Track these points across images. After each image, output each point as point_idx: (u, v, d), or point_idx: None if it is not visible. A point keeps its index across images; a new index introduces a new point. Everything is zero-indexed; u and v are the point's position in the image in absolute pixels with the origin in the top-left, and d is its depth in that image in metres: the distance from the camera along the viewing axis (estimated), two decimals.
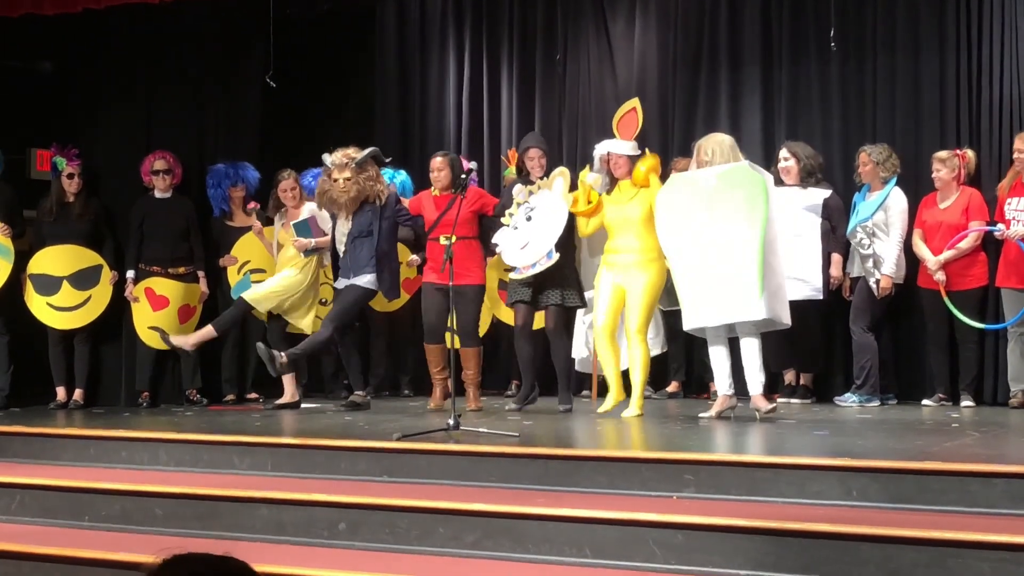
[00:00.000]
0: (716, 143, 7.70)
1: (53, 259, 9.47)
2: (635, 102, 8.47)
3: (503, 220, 8.67)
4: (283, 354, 8.65)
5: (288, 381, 9.09)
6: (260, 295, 9.14)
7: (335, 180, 8.71)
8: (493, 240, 8.70)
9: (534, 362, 8.78)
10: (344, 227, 8.88)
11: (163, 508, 6.16)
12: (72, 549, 5.67)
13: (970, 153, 8.90)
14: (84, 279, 9.49)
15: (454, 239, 7.90)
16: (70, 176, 9.52)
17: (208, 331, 9.09)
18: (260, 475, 6.61)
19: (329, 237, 9.18)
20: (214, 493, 6.11)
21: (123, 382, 9.83)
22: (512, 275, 8.60)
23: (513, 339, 8.89)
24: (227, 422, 8.17)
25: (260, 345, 8.73)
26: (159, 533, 6.02)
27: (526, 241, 8.47)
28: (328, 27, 11.03)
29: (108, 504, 6.30)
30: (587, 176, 8.34)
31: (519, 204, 8.61)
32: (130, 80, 10.10)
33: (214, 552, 2.70)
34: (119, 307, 9.63)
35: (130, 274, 9.57)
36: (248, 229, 9.84)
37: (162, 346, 9.59)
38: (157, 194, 9.73)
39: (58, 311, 9.46)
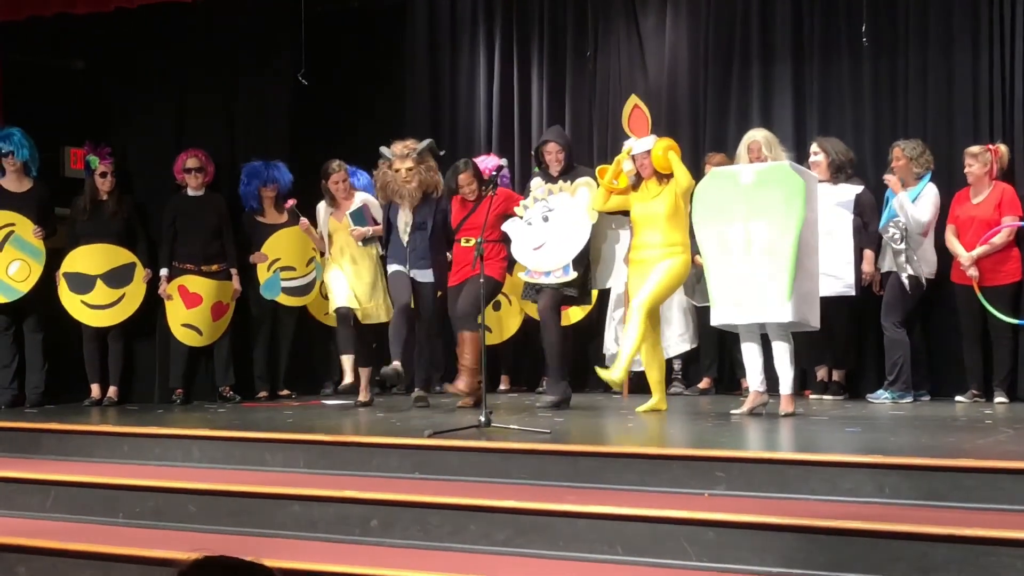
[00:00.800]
0: (770, 139, 7.66)
1: (87, 258, 9.53)
2: (634, 99, 8.43)
3: (516, 210, 8.65)
4: (414, 392, 8.78)
5: (363, 377, 9.13)
6: (351, 297, 9.08)
7: (397, 171, 8.72)
8: (503, 227, 8.67)
9: (562, 354, 8.59)
10: (405, 216, 8.83)
11: (196, 505, 6.18)
12: (106, 546, 5.69)
13: (1003, 148, 8.84)
14: (118, 277, 9.55)
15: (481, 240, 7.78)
16: (103, 175, 9.57)
17: (351, 364, 9.00)
18: (292, 471, 6.63)
19: (382, 226, 9.13)
20: (247, 490, 6.13)
21: (157, 379, 9.88)
22: (521, 275, 8.58)
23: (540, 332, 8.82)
24: (260, 419, 8.20)
25: (386, 371, 8.53)
26: (192, 530, 6.03)
27: (541, 243, 8.44)
28: (359, 25, 11.07)
29: (142, 501, 6.32)
30: (625, 163, 8.26)
31: (536, 199, 8.57)
32: (162, 78, 10.15)
33: (247, 552, 2.71)
34: (152, 305, 9.69)
35: (164, 272, 9.64)
36: (279, 227, 9.89)
37: (196, 342, 9.66)
38: (190, 192, 9.79)
39: (92, 309, 9.52)
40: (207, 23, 10.02)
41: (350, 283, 9.15)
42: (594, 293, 8.92)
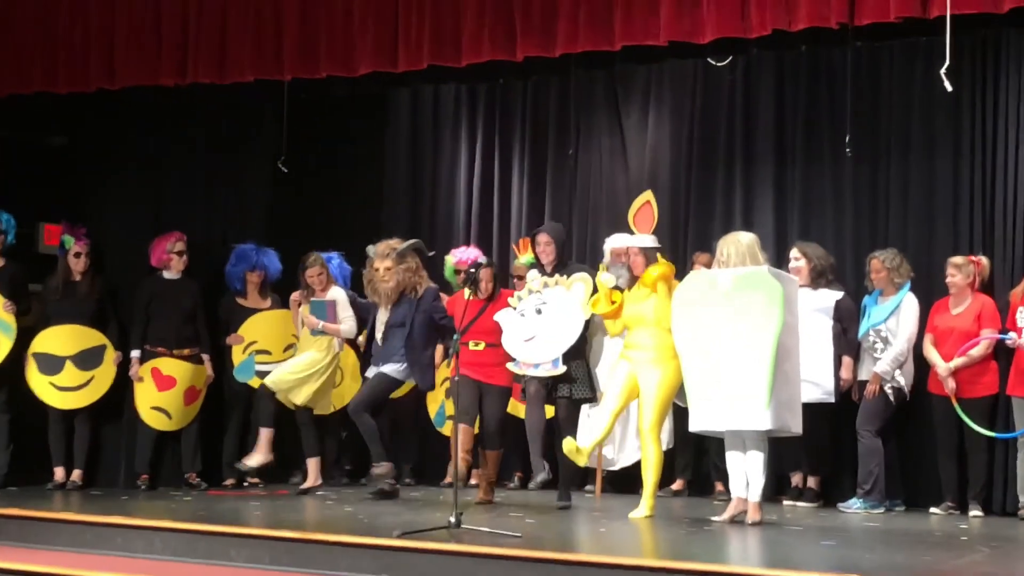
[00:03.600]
0: (733, 244, 7.64)
1: (57, 338, 9.42)
2: (648, 195, 8.42)
3: (510, 301, 8.60)
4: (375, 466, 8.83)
5: (312, 465, 9.22)
6: (277, 378, 9.18)
7: (375, 270, 8.73)
8: (495, 317, 8.62)
9: (544, 436, 8.61)
10: (383, 316, 8.87)
11: None
12: None
13: (984, 260, 8.85)
14: (88, 359, 9.45)
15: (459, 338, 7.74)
16: (76, 255, 9.50)
17: (264, 435, 9.19)
18: (257, 568, 6.52)
19: (340, 327, 9.24)
20: None
21: (123, 463, 9.73)
22: (510, 366, 8.51)
23: (519, 430, 8.75)
24: (225, 509, 8.08)
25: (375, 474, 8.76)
26: None
27: (532, 335, 8.39)
28: (341, 112, 11.04)
29: None
30: (602, 276, 8.24)
31: (531, 291, 8.53)
32: (141, 158, 10.13)
33: None
34: (121, 387, 9.57)
35: (135, 353, 9.53)
36: (259, 311, 9.81)
37: (165, 426, 9.53)
38: (167, 275, 9.70)
39: (60, 391, 9.39)
40: (188, 106, 9.97)
41: (297, 367, 9.22)
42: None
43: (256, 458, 9.22)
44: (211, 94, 9.71)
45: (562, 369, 8.27)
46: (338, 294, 9.34)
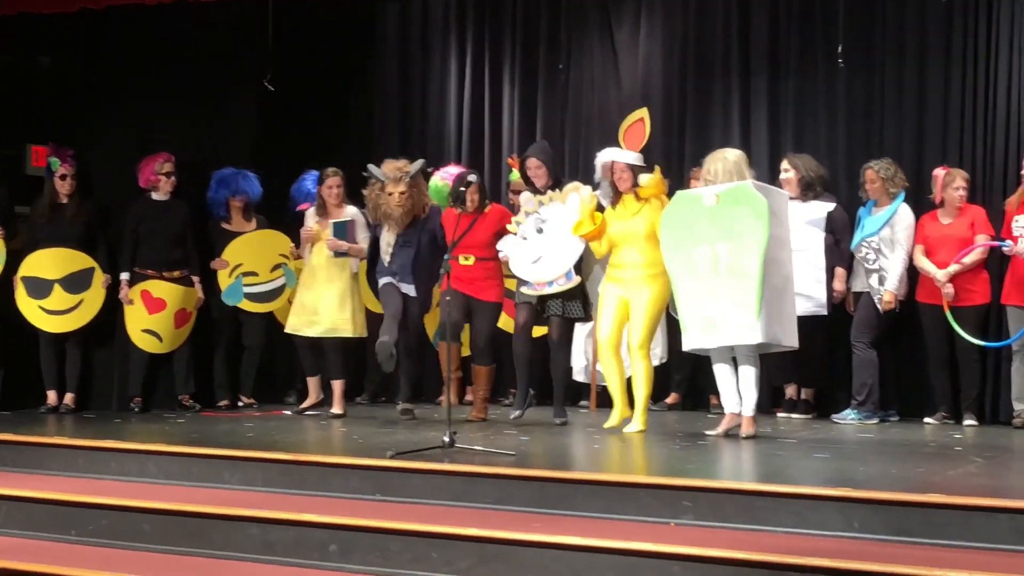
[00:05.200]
0: (720, 160, 7.57)
1: (45, 262, 9.36)
2: (643, 112, 8.32)
3: (509, 227, 8.55)
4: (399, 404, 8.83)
5: (313, 384, 9.28)
6: (298, 324, 9.19)
7: (390, 194, 8.58)
8: (498, 246, 8.57)
9: (531, 365, 8.68)
10: (389, 237, 8.76)
11: (151, 524, 6.03)
12: (57, 567, 5.55)
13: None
14: (76, 282, 9.38)
15: (458, 259, 7.70)
16: (63, 177, 9.41)
17: (313, 384, 9.35)
18: (251, 490, 6.52)
19: (363, 247, 9.11)
20: (203, 511, 5.98)
21: (115, 386, 9.72)
22: (523, 289, 8.46)
23: (512, 346, 8.74)
24: (219, 432, 8.08)
25: (383, 345, 8.44)
26: (147, 550, 5.91)
27: (539, 255, 8.34)
28: (328, 28, 10.90)
29: (95, 518, 6.18)
30: (582, 193, 8.18)
31: (527, 213, 8.47)
32: (126, 80, 9.98)
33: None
34: (111, 310, 9.52)
35: (124, 276, 9.47)
36: (242, 234, 9.75)
37: (156, 349, 9.51)
38: (155, 196, 9.61)
39: (50, 314, 9.35)
40: (173, 26, 9.85)
41: (312, 301, 9.12)
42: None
43: (310, 402, 9.34)
44: (196, 12, 9.58)
45: (577, 280, 8.23)
46: (355, 213, 9.14)
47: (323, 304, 9.10)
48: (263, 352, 10.03)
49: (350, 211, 9.17)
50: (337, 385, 9.17)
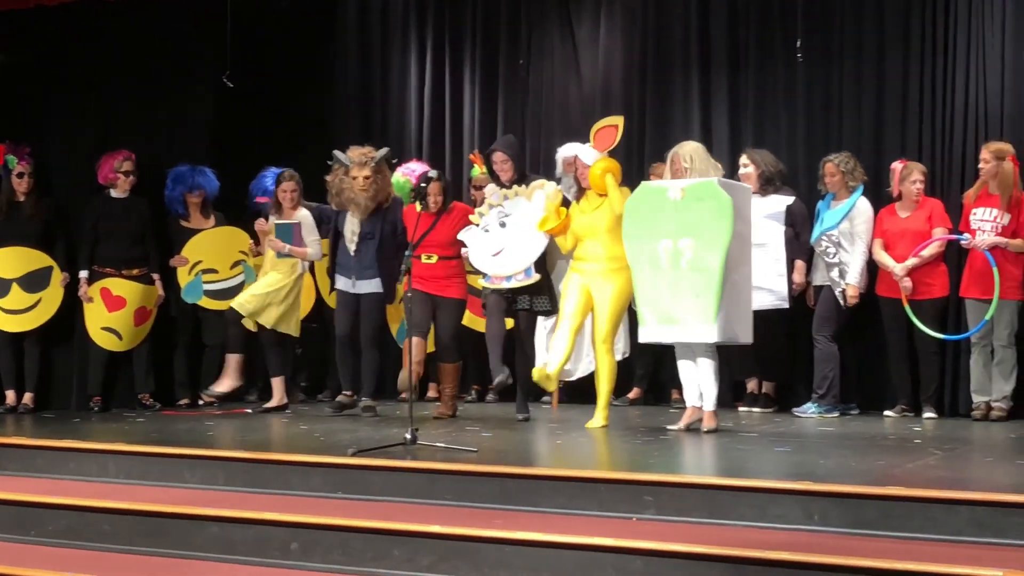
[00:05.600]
0: (693, 151, 7.64)
1: (3, 261, 9.30)
2: (619, 120, 8.24)
3: (472, 218, 8.53)
4: (362, 401, 8.79)
5: (277, 384, 9.31)
6: (243, 300, 9.17)
7: (354, 178, 8.55)
8: (459, 236, 8.55)
9: (504, 344, 8.60)
10: (353, 225, 8.72)
11: (111, 524, 6.01)
12: (16, 568, 5.52)
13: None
14: (34, 281, 9.33)
15: (416, 256, 7.67)
16: (20, 175, 9.35)
17: (232, 361, 9.22)
18: (211, 489, 6.50)
19: (307, 251, 9.17)
20: (163, 510, 5.96)
21: (74, 385, 9.67)
22: (482, 282, 8.46)
23: (478, 344, 8.71)
24: (179, 430, 8.04)
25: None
26: (107, 550, 5.90)
27: (499, 248, 8.31)
28: (287, 24, 10.85)
29: (54, 518, 6.15)
30: (547, 189, 8.18)
31: (491, 206, 8.45)
32: (83, 77, 9.91)
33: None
34: (71, 309, 9.46)
35: (83, 274, 9.41)
36: (201, 231, 9.70)
37: (116, 347, 9.44)
38: (114, 194, 9.55)
39: (8, 314, 9.29)
40: (130, 23, 9.78)
41: (262, 289, 9.21)
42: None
43: (225, 383, 9.26)
44: (154, 8, 9.52)
45: (536, 277, 8.20)
46: (304, 217, 9.19)
47: (268, 297, 9.18)
48: (223, 350, 9.97)
49: (301, 214, 9.22)
50: (276, 381, 9.30)
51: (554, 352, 8.05)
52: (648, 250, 7.51)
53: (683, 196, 7.44)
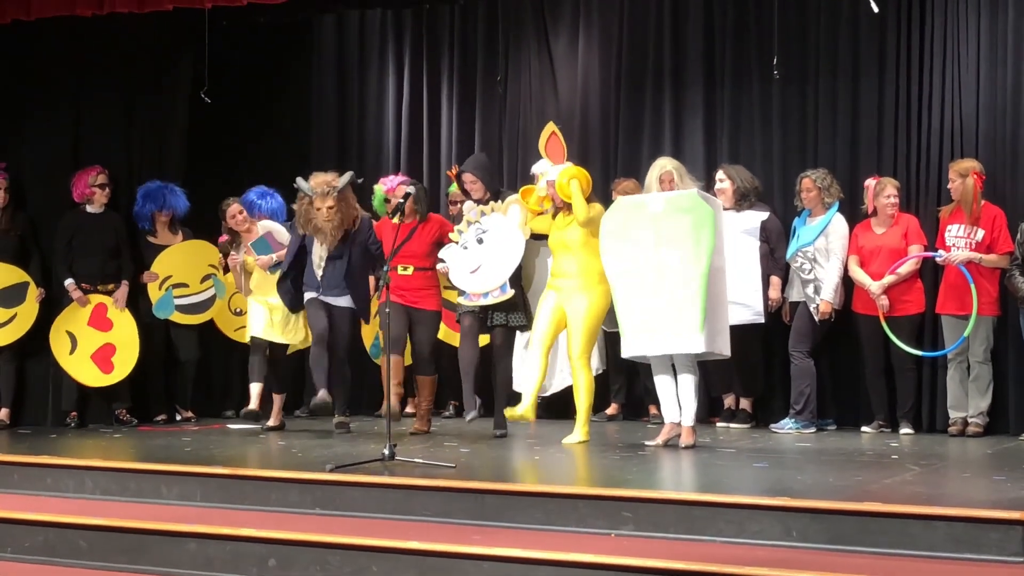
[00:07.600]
0: (677, 167, 7.70)
1: None
2: (551, 126, 8.37)
3: (451, 236, 8.53)
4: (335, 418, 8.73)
5: (278, 402, 9.22)
6: (263, 328, 9.07)
7: (318, 209, 8.48)
8: (440, 254, 8.55)
9: (477, 371, 8.59)
10: (320, 251, 8.66)
11: (88, 540, 6.00)
12: None
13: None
14: (10, 297, 9.30)
15: (394, 269, 7.68)
16: None
17: (257, 392, 9.04)
18: (189, 505, 6.51)
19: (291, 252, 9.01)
20: (141, 526, 5.95)
21: (50, 401, 9.62)
22: (460, 299, 8.46)
23: (455, 359, 8.70)
24: (156, 446, 8.01)
25: (316, 403, 8.54)
26: (84, 567, 5.89)
27: (477, 265, 8.32)
28: (264, 40, 10.84)
29: (31, 535, 6.13)
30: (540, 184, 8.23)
31: (470, 223, 8.45)
32: (58, 91, 9.89)
33: None
34: (46, 324, 9.41)
35: (69, 281, 9.37)
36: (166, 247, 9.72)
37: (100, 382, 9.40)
38: (90, 209, 9.53)
39: None
40: (105, 37, 9.73)
41: (268, 314, 9.08)
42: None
43: (274, 419, 9.13)
44: (131, 24, 9.50)
45: (511, 293, 8.21)
46: (265, 225, 9.19)
47: (274, 320, 9.10)
48: (198, 364, 9.95)
49: (261, 224, 9.22)
50: (277, 399, 9.20)
51: (527, 376, 8.07)
52: (629, 264, 7.52)
53: (664, 208, 7.46)
